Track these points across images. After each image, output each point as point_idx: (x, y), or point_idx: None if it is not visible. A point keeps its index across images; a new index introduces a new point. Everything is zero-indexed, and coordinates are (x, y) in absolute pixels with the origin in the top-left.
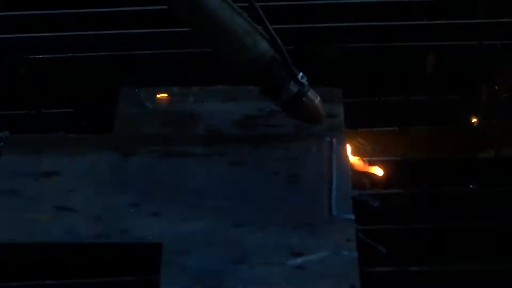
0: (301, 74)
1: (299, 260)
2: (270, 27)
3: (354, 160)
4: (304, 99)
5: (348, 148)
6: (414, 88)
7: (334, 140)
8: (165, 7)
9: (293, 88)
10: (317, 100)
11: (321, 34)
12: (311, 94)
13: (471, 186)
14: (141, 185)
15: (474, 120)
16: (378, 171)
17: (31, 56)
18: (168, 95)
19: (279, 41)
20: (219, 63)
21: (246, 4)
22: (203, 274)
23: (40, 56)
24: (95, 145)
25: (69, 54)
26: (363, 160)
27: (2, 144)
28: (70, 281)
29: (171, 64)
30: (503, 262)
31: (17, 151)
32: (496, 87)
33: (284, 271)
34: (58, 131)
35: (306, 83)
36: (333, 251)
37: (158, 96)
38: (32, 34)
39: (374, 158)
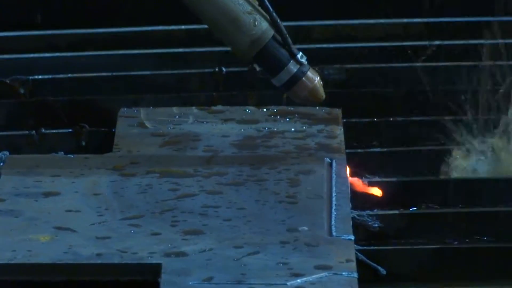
0: (300, 53)
1: (299, 281)
2: (271, 8)
3: (354, 180)
4: (303, 78)
5: (348, 169)
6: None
7: (334, 161)
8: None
9: (293, 67)
10: (317, 79)
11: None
12: (311, 73)
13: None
14: (141, 205)
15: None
16: (377, 191)
17: (30, 77)
18: (166, 115)
19: (279, 22)
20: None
21: None
22: None
23: (40, 76)
24: (95, 165)
25: (69, 75)
26: (363, 181)
27: (2, 164)
28: None
29: (169, 85)
30: (502, 283)
31: (17, 171)
32: None
33: None
34: (58, 151)
35: (306, 62)
36: (333, 271)
37: (154, 112)
38: (32, 55)
39: (373, 180)
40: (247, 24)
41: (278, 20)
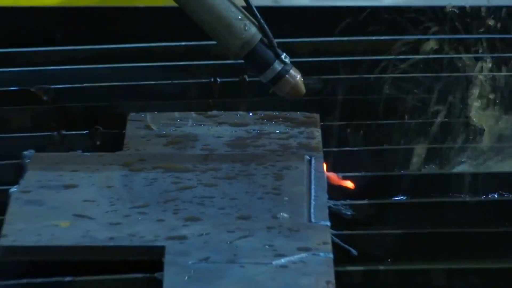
0: (284, 54)
1: (282, 260)
2: (259, 15)
3: (330, 174)
4: (287, 76)
5: (324, 165)
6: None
7: (313, 158)
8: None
9: (277, 66)
10: (298, 77)
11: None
12: (293, 71)
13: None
14: (147, 196)
15: None
16: (349, 184)
17: (52, 86)
18: (169, 119)
19: (266, 27)
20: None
21: None
22: (200, 272)
23: (60, 85)
24: (108, 162)
25: (86, 84)
26: (337, 175)
27: (28, 161)
28: (86, 278)
29: (171, 93)
30: (458, 262)
31: (41, 167)
32: None
33: (270, 270)
34: (76, 150)
35: (289, 62)
36: (311, 252)
37: (163, 116)
38: (54, 67)
39: (346, 174)
40: (239, 29)
41: (265, 26)
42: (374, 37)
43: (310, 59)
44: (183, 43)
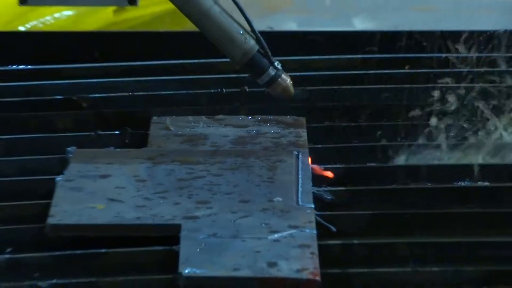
0: (277, 62)
1: (276, 236)
2: (256, 30)
3: (314, 166)
4: (279, 80)
5: (309, 159)
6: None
7: (300, 153)
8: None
9: (271, 72)
10: (288, 80)
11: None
12: (284, 76)
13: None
14: (167, 184)
15: None
16: (329, 174)
17: (90, 95)
18: (184, 122)
19: (262, 40)
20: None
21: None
22: (209, 245)
23: (97, 95)
24: (135, 156)
25: (118, 94)
26: (320, 167)
27: (70, 155)
28: (116, 250)
29: (186, 101)
30: (417, 237)
31: (81, 160)
32: None
33: (266, 243)
34: (109, 147)
35: (281, 68)
36: (299, 229)
37: (180, 120)
38: (92, 80)
39: (327, 166)
40: (240, 42)
41: (261, 39)
42: (348, 56)
43: (298, 73)
44: (195, 61)
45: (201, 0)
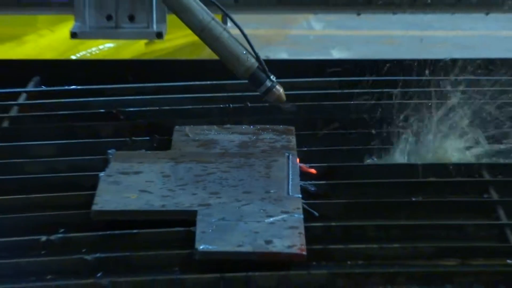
0: (272, 76)
1: (271, 219)
2: (256, 51)
3: (301, 165)
4: (274, 89)
5: (297, 159)
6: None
7: (290, 154)
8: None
9: (268, 83)
10: (281, 90)
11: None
12: (278, 86)
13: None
14: (186, 178)
15: None
16: (313, 171)
17: (127, 109)
18: (200, 130)
19: (260, 58)
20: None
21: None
22: (219, 227)
23: (132, 109)
24: (162, 157)
25: (148, 108)
26: (306, 165)
27: (111, 156)
28: (146, 231)
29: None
30: (382, 220)
31: (119, 160)
32: None
33: (263, 225)
34: (141, 150)
35: (275, 80)
36: (289, 214)
37: (197, 128)
38: (127, 97)
39: (311, 165)
40: (243, 60)
41: (260, 57)
42: (326, 79)
43: (288, 92)
44: (208, 82)
45: (213, 28)
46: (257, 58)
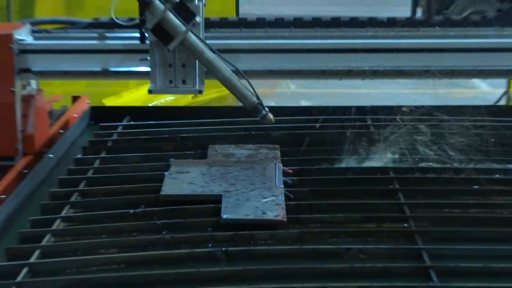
0: (266, 107)
1: (266, 199)
2: (255, 90)
3: (283, 168)
4: (267, 115)
5: (281, 165)
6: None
7: (276, 162)
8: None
9: (264, 112)
10: (271, 116)
11: (271, 128)
12: (270, 114)
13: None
14: (216, 175)
15: None
16: (290, 172)
17: (181, 135)
18: (223, 147)
19: (259, 96)
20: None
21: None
22: (235, 204)
23: (184, 134)
24: (201, 163)
25: (193, 134)
26: (286, 168)
27: (172, 162)
28: (191, 207)
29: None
30: (337, 200)
31: (176, 164)
32: None
33: (261, 203)
34: (189, 159)
35: (268, 110)
36: (276, 197)
37: (222, 146)
38: (180, 128)
39: (289, 167)
40: (249, 97)
41: (259, 96)
42: (304, 117)
43: (275, 125)
44: (228, 119)
45: (232, 79)
46: (257, 96)
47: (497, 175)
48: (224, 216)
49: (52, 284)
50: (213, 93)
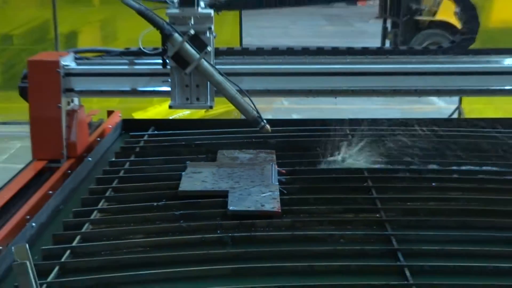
0: (265, 119)
1: (264, 194)
2: (255, 105)
3: (278, 169)
4: (265, 126)
5: (276, 166)
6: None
7: (273, 164)
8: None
9: (262, 123)
10: (269, 126)
11: (268, 136)
12: (267, 125)
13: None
14: (224, 175)
15: None
16: (284, 171)
17: (195, 142)
18: (230, 152)
19: (258, 110)
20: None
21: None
22: (239, 198)
23: (197, 142)
24: (212, 165)
25: (205, 142)
26: (281, 169)
27: (188, 164)
28: (204, 200)
29: (230, 144)
30: (324, 195)
31: (192, 166)
32: None
33: (260, 197)
34: (201, 161)
35: (266, 122)
36: (273, 192)
37: (228, 151)
38: (195, 137)
39: (283, 168)
40: (250, 111)
41: (258, 110)
42: (300, 127)
43: (272, 134)
44: (234, 129)
45: (237, 97)
46: (257, 111)
47: (454, 175)
48: (230, 208)
49: (90, 264)
50: (221, 108)
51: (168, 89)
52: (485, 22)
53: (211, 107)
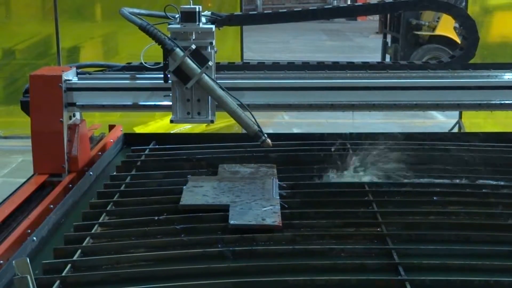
0: (265, 134)
1: (265, 208)
2: (256, 120)
3: (278, 182)
4: (266, 141)
5: (277, 180)
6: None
7: (273, 177)
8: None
9: (263, 138)
10: (269, 141)
11: (269, 150)
12: (268, 139)
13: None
14: (224, 189)
15: None
16: (284, 185)
17: (196, 156)
18: (231, 166)
19: (259, 124)
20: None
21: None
22: (240, 212)
23: (198, 156)
24: (213, 179)
25: (206, 156)
26: (281, 183)
27: (189, 178)
28: (205, 214)
29: (231, 158)
30: (324, 209)
31: (193, 180)
32: None
33: (261, 211)
34: (202, 175)
35: (266, 136)
36: (274, 206)
37: (229, 165)
38: (197, 151)
39: (284, 182)
40: (251, 125)
41: (259, 124)
42: (292, 141)
43: (273, 148)
44: (234, 143)
45: (238, 111)
46: (258, 125)
47: (455, 189)
48: (231, 222)
49: (90, 278)
50: (222, 123)
51: (170, 103)
52: (484, 37)
53: (212, 122)
